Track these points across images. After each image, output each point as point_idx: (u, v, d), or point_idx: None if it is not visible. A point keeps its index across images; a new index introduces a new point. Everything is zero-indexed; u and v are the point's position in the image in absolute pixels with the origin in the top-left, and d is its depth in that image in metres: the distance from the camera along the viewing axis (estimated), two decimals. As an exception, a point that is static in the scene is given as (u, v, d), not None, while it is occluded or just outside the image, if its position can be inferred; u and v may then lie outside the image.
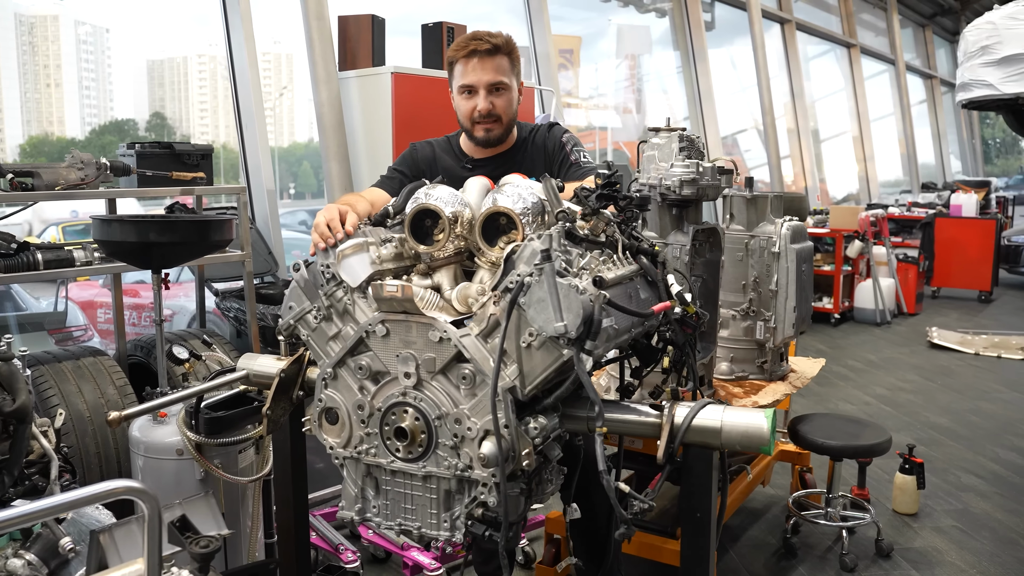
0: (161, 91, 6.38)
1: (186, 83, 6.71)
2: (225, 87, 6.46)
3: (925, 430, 4.91)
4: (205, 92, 6.68)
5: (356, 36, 4.12)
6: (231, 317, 3.61)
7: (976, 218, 9.73)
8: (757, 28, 9.14)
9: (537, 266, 1.57)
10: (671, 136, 2.95)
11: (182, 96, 6.76)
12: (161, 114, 6.41)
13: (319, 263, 1.81)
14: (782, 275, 3.26)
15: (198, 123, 6.88)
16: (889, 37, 14.36)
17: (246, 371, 2.20)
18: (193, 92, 6.78)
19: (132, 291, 5.16)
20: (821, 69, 13.25)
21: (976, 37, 6.23)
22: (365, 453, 1.76)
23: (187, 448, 2.52)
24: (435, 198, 1.85)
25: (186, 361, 2.69)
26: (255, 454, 2.74)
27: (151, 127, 5.58)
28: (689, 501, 1.76)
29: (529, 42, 6.50)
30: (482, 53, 2.21)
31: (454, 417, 1.66)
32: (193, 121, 6.92)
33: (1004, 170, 32.94)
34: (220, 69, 6.55)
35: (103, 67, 5.56)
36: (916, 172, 14.36)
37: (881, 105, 14.45)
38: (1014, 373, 6.38)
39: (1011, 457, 4.47)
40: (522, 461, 1.61)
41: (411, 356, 1.69)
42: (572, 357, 1.56)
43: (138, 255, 2.56)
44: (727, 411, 1.71)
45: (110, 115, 5.67)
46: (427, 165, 2.39)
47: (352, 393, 1.77)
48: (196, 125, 6.72)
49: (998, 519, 3.68)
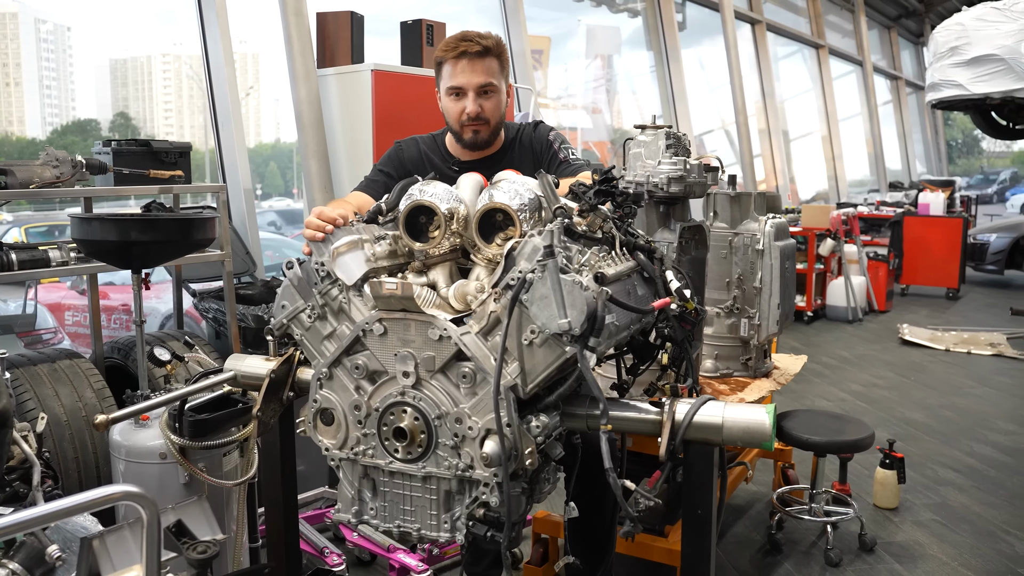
0: (125, 90, 6.27)
1: (150, 82, 6.60)
2: (191, 86, 6.36)
3: (901, 425, 4.97)
4: (170, 91, 6.57)
5: (335, 33, 4.07)
6: (210, 318, 3.54)
7: (944, 217, 9.89)
8: (730, 28, 9.21)
9: (540, 262, 1.55)
10: (657, 134, 2.94)
11: (146, 96, 6.65)
12: (125, 114, 6.30)
13: (313, 261, 1.78)
14: (766, 272, 3.28)
15: (163, 123, 6.79)
16: (856, 39, 14.56)
17: (233, 372, 2.15)
18: (158, 91, 6.67)
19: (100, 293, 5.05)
20: (789, 70, 13.41)
21: (945, 38, 6.34)
22: (362, 454, 1.73)
23: (171, 452, 2.47)
24: (430, 194, 1.83)
25: (168, 363, 2.63)
26: (239, 457, 2.69)
27: (115, 127, 5.48)
28: (690, 498, 1.75)
29: (505, 41, 6.48)
30: (472, 55, 2.18)
31: (454, 416, 1.63)
32: (158, 121, 6.83)
33: (966, 170, 33.58)
34: (185, 68, 6.45)
35: (64, 66, 5.45)
36: (884, 172, 14.58)
37: (848, 105, 14.65)
38: (984, 369, 6.49)
39: (986, 451, 4.54)
40: (525, 460, 1.59)
41: (410, 355, 1.66)
42: (575, 354, 1.55)
43: (118, 255, 2.50)
44: (728, 407, 1.71)
45: (72, 115, 5.56)
46: (414, 165, 2.36)
47: (348, 393, 1.74)
48: (161, 125, 6.62)
49: (976, 512, 3.73)
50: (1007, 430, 4.92)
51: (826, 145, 13.21)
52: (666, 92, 8.82)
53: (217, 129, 4.27)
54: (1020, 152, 37.74)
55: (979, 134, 42.93)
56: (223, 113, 4.23)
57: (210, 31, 4.21)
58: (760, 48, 10.77)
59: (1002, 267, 10.55)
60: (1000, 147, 41.68)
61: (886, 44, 17.00)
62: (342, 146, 4.05)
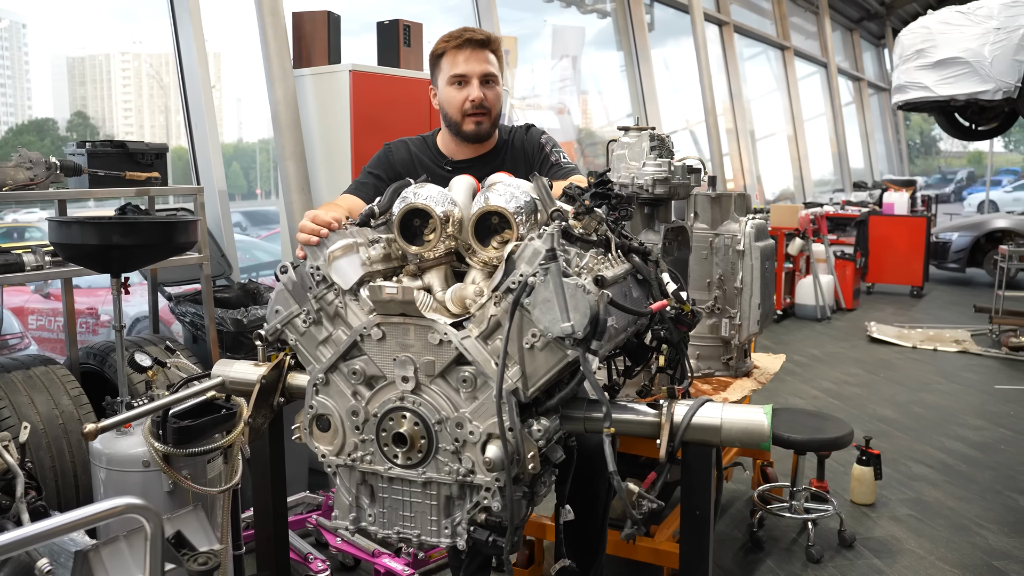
0: (83, 89, 6.16)
1: (109, 81, 6.48)
2: (151, 85, 6.25)
3: (873, 422, 5.05)
4: (129, 91, 6.47)
5: (311, 33, 4.03)
6: (187, 322, 3.48)
7: (908, 216, 10.08)
8: (699, 30, 9.29)
9: (542, 266, 1.54)
10: (641, 135, 2.96)
11: (105, 95, 6.53)
12: (83, 113, 6.18)
13: (308, 265, 1.75)
14: (747, 272, 3.31)
15: (122, 122, 6.68)
16: (820, 40, 14.77)
17: (222, 378, 2.12)
18: (117, 91, 6.56)
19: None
20: (753, 70, 13.56)
21: (911, 41, 6.44)
22: (360, 460, 1.71)
23: (154, 459, 2.42)
24: (424, 197, 1.81)
25: (149, 369, 2.57)
26: (223, 464, 2.65)
27: (73, 127, 5.37)
28: (689, 499, 1.76)
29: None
30: (475, 43, 2.18)
31: (455, 421, 1.62)
32: (117, 120, 6.72)
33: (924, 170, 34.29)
34: (145, 67, 6.34)
35: (20, 64, 5.32)
36: (848, 172, 14.81)
37: (812, 106, 14.86)
38: (950, 365, 6.62)
39: (956, 446, 4.63)
40: (527, 464, 1.58)
41: (409, 360, 1.64)
42: (576, 358, 1.55)
43: (98, 259, 2.45)
44: (726, 408, 1.72)
45: (28, 114, 5.43)
46: (404, 167, 2.33)
47: (345, 399, 1.72)
48: (120, 124, 6.51)
49: (950, 507, 3.81)
50: (975, 425, 5.02)
51: (792, 145, 13.39)
52: (636, 92, 8.87)
53: (191, 129, 4.20)
54: (975, 152, 38.64)
55: (937, 135, 43.87)
56: (196, 113, 4.16)
57: (183, 29, 4.14)
58: (727, 49, 10.87)
59: (964, 265, 10.78)
60: (957, 147, 42.65)
61: (848, 46, 17.28)
62: (319, 147, 4.00)
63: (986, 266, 10.79)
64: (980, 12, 5.82)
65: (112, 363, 3.06)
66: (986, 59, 5.72)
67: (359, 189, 2.30)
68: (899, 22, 18.76)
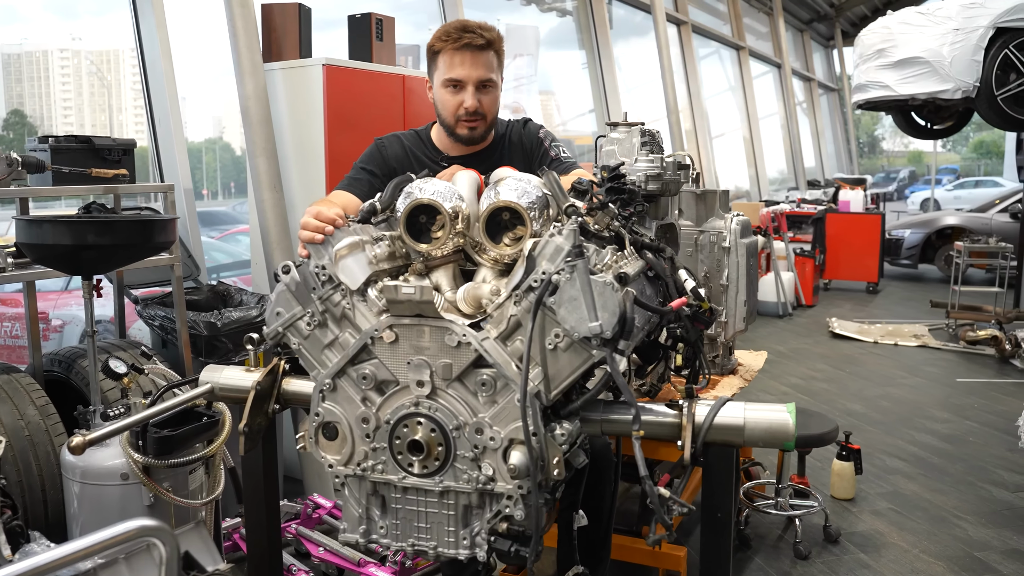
0: (19, 87, 5.92)
1: (47, 78, 6.25)
2: (92, 82, 6.03)
3: (844, 417, 5.09)
4: (69, 88, 6.26)
5: (281, 26, 3.90)
6: (156, 326, 3.33)
7: (863, 214, 10.26)
8: (662, 29, 9.33)
9: (568, 263, 1.48)
10: (631, 131, 2.92)
11: (43, 92, 6.30)
12: (20, 111, 5.96)
13: (312, 265, 1.66)
14: (732, 270, 3.29)
15: (62, 120, 6.46)
16: (774, 41, 14.99)
17: (211, 385, 2.00)
18: (56, 88, 6.33)
19: (12, 300, 4.71)
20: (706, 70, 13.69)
21: (872, 40, 6.54)
22: (371, 470, 1.62)
23: (133, 471, 2.30)
24: (431, 192, 1.73)
25: (125, 376, 2.44)
26: (205, 474, 2.53)
27: (9, 125, 5.15)
28: (710, 501, 1.71)
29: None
30: (475, 48, 2.08)
31: (474, 427, 1.55)
32: (56, 118, 6.49)
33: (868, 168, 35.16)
34: (86, 64, 6.12)
35: (-50, 60, 5.09)
36: (803, 170, 15.06)
37: (764, 105, 15.06)
38: (911, 360, 6.73)
39: (926, 439, 4.70)
40: (552, 470, 1.51)
41: (424, 363, 1.56)
42: (604, 358, 1.49)
43: (69, 260, 2.31)
44: (748, 407, 1.67)
45: (-39, 112, 5.19)
46: (399, 163, 2.24)
47: (354, 405, 1.63)
48: (60, 122, 6.30)
49: (927, 499, 3.85)
50: (942, 418, 5.10)
51: (747, 144, 13.55)
52: (598, 90, 8.87)
53: (153, 126, 4.04)
54: (915, 152, 39.75)
55: (880, 134, 45.01)
56: (160, 109, 4.00)
57: (144, 22, 3.98)
58: (686, 49, 10.95)
59: (916, 261, 11.02)
60: (899, 147, 43.84)
61: (799, 47, 17.57)
62: (290, 144, 3.87)
63: (937, 262, 11.06)
64: (939, 13, 5.94)
65: (80, 370, 2.91)
66: (945, 59, 5.83)
67: (352, 185, 2.20)
68: (848, 24, 19.18)
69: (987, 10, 5.68)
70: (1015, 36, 5.62)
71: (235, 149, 9.42)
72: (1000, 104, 5.70)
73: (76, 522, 2.43)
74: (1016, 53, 5.62)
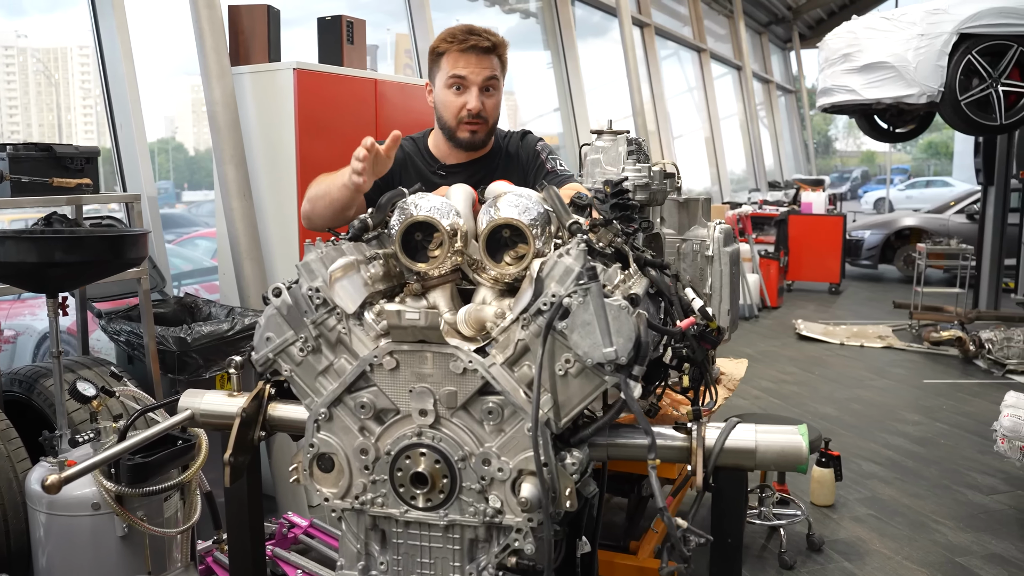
0: None
1: None
2: (39, 82, 5.81)
3: (817, 420, 5.12)
4: (14, 88, 6.05)
5: (250, 28, 3.77)
6: (122, 341, 3.19)
7: (825, 215, 10.39)
8: (627, 31, 9.33)
9: (582, 285, 1.41)
10: (617, 139, 2.87)
11: None
12: None
13: (305, 287, 1.56)
14: (716, 278, 3.26)
15: (7, 121, 6.23)
16: (734, 44, 15.12)
17: (190, 411, 1.89)
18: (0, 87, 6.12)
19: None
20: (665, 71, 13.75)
21: (837, 45, 6.59)
22: (371, 503, 1.54)
23: (106, 501, 2.17)
24: (427, 209, 1.65)
25: (94, 399, 2.31)
26: (180, 500, 2.41)
27: None
28: (720, 526, 1.66)
29: (410, 40, 6.29)
30: (481, 50, 2.02)
31: (481, 457, 1.47)
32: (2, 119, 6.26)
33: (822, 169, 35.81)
34: (32, 63, 5.89)
35: None
36: (764, 172, 15.22)
37: (724, 107, 15.19)
38: (877, 361, 6.81)
39: (899, 442, 4.74)
40: (564, 502, 1.45)
41: (427, 391, 1.48)
42: (616, 384, 1.42)
43: (34, 278, 2.18)
44: (760, 430, 1.62)
45: None
46: (398, 167, 2.16)
47: (351, 436, 1.54)
48: (5, 124, 6.08)
49: (905, 504, 3.87)
50: (913, 420, 5.16)
51: (709, 146, 13.64)
52: (564, 91, 8.84)
53: (115, 130, 3.88)
54: (868, 152, 40.61)
55: (833, 135, 45.88)
56: (122, 113, 3.84)
57: (104, 23, 3.82)
58: (649, 51, 10.97)
59: (876, 262, 11.20)
60: (851, 147, 44.72)
61: (757, 49, 17.77)
62: (259, 150, 3.75)
63: (896, 262, 11.24)
64: (904, 18, 6.00)
65: (42, 391, 2.76)
66: (911, 64, 5.89)
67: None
68: (804, 27, 19.46)
69: (950, 16, 5.75)
70: (977, 42, 5.71)
71: (188, 150, 9.18)
72: (963, 109, 5.78)
73: (43, 553, 2.29)
74: (978, 59, 5.71)
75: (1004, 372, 6.14)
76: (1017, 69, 5.70)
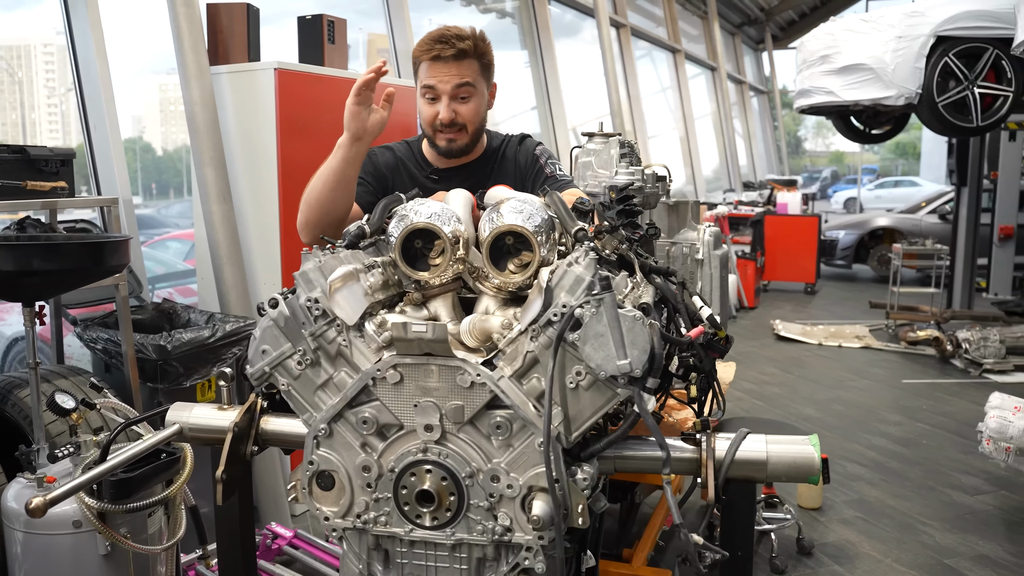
0: None
1: None
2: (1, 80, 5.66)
3: (799, 422, 5.13)
4: None
5: (228, 27, 3.68)
6: (98, 349, 3.09)
7: (800, 215, 10.45)
8: (605, 32, 9.32)
9: (595, 296, 1.36)
10: (609, 142, 2.83)
11: None
12: None
13: (303, 298, 1.50)
14: (706, 282, 3.24)
15: None
16: (709, 45, 15.19)
17: (179, 426, 1.82)
18: None
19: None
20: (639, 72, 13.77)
21: (815, 47, 6.62)
22: (373, 522, 1.48)
23: (88, 518, 2.09)
24: (428, 215, 1.60)
25: (73, 411, 2.22)
26: (164, 515, 2.33)
27: None
28: (730, 540, 1.62)
29: (389, 40, 6.21)
30: (448, 59, 1.97)
31: (489, 474, 1.42)
32: None
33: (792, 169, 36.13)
34: None
35: None
36: (738, 172, 15.31)
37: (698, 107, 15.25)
38: (856, 361, 6.86)
39: (882, 443, 4.76)
40: (576, 519, 1.40)
41: (433, 405, 1.43)
42: (629, 397, 1.38)
43: (9, 286, 2.09)
44: (771, 440, 1.59)
45: None
46: (390, 171, 2.12)
47: (353, 452, 1.48)
48: None
49: (892, 506, 3.88)
50: (894, 420, 5.18)
51: (684, 146, 13.68)
52: (541, 91, 8.80)
53: (88, 132, 3.76)
54: (837, 152, 41.10)
55: (803, 135, 46.39)
56: (95, 113, 3.73)
57: (77, 20, 3.70)
58: (625, 51, 10.97)
59: (850, 262, 11.31)
60: (820, 147, 45.23)
61: (730, 50, 17.87)
62: (239, 153, 3.66)
63: (870, 262, 11.35)
64: (882, 20, 6.04)
65: (16, 402, 2.66)
66: (889, 66, 5.93)
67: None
68: (776, 28, 19.62)
69: (928, 19, 5.79)
70: (954, 44, 5.75)
71: (156, 149, 9.02)
72: (941, 111, 5.83)
73: (20, 572, 2.20)
74: (955, 61, 5.76)
75: (981, 372, 6.21)
76: (993, 71, 5.76)
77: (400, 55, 6.26)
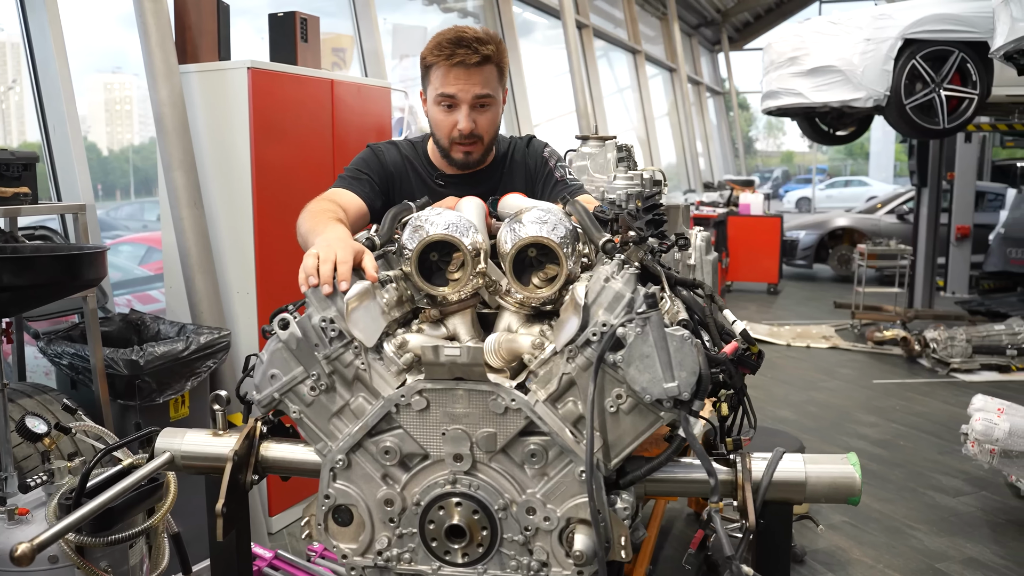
0: None
1: None
2: None
3: (777, 425, 5.11)
4: None
5: (197, 24, 3.51)
6: (64, 364, 2.91)
7: (763, 216, 10.54)
8: (571, 33, 9.27)
9: (641, 315, 1.27)
10: (606, 145, 2.75)
11: None
12: None
13: (318, 318, 1.38)
14: (698, 287, 3.18)
15: None
16: (669, 46, 15.26)
17: (169, 453, 1.68)
18: None
19: None
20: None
21: (783, 48, 6.64)
22: (396, 560, 1.37)
23: (65, 553, 1.93)
24: (444, 226, 1.49)
25: (46, 436, 2.06)
26: (146, 545, 2.18)
27: None
28: (767, 565, 1.55)
29: (355, 39, 6.06)
30: (470, 66, 1.84)
31: (524, 506, 1.32)
32: None
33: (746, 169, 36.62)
34: None
35: None
36: (699, 173, 15.40)
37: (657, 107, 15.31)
38: (825, 362, 6.90)
39: (860, 445, 4.77)
40: (619, 551, 1.31)
41: (462, 433, 1.33)
42: (675, 421, 1.30)
43: (-25, 303, 1.92)
44: (808, 460, 1.52)
45: None
46: (397, 171, 2.00)
47: (374, 485, 1.37)
48: None
49: (878, 510, 3.87)
50: (869, 421, 5.21)
51: (644, 147, 13.71)
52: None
53: (47, 135, 3.56)
54: (787, 152, 41.79)
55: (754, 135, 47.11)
56: (55, 116, 3.53)
57: (34, 17, 3.50)
58: (588, 52, 10.94)
59: (811, 262, 11.44)
60: (771, 147, 45.93)
61: (688, 51, 17.99)
62: (209, 155, 3.49)
63: (830, 262, 11.50)
64: (851, 23, 6.07)
65: (-22, 425, 2.48)
66: (857, 68, 5.96)
67: (353, 185, 1.93)
68: (732, 29, 19.82)
69: (895, 21, 5.84)
70: (921, 47, 5.81)
71: (101, 149, 8.71)
72: (908, 113, 5.88)
73: (-13, 612, 2.04)
74: (922, 64, 5.81)
75: (948, 371, 6.29)
76: (958, 74, 5.83)
77: (367, 55, 6.12)
